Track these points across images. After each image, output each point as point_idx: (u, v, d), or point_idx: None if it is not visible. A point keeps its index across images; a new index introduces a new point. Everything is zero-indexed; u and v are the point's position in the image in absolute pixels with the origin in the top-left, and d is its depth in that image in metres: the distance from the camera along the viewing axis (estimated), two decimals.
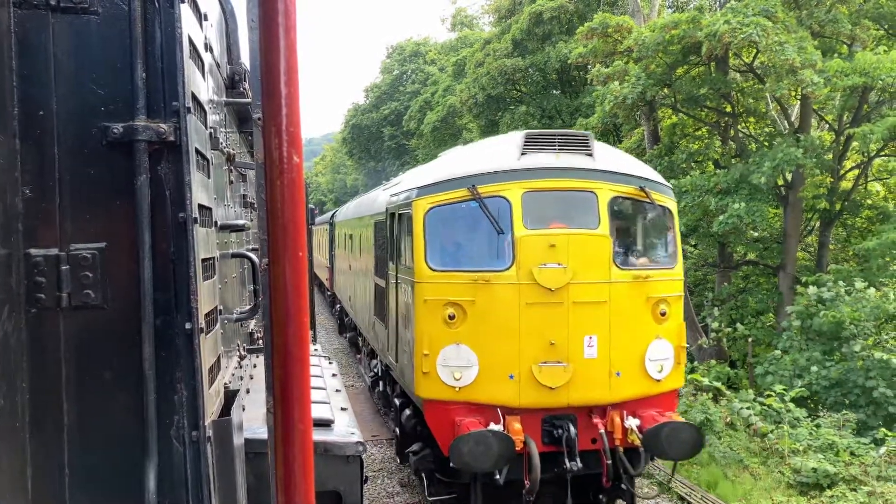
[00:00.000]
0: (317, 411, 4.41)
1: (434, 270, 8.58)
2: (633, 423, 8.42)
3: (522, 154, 8.82)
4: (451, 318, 8.42)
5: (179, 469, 2.60)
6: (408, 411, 9.92)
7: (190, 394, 2.61)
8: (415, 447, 9.65)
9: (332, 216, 27.35)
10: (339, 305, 24.82)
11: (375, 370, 14.21)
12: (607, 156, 9.39)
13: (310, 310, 2.52)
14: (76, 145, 2.55)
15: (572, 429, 8.35)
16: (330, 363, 7.80)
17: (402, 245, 9.81)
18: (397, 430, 10.78)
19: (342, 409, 5.31)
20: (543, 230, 8.48)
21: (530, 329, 8.30)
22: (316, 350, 8.37)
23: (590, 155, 8.96)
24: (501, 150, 9.16)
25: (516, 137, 9.11)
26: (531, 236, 8.37)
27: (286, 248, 2.23)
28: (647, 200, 9.08)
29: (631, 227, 9.59)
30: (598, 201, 8.70)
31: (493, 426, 8.06)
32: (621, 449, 8.49)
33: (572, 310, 8.35)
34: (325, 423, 4.64)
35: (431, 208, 8.75)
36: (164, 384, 2.58)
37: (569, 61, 24.79)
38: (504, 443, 7.77)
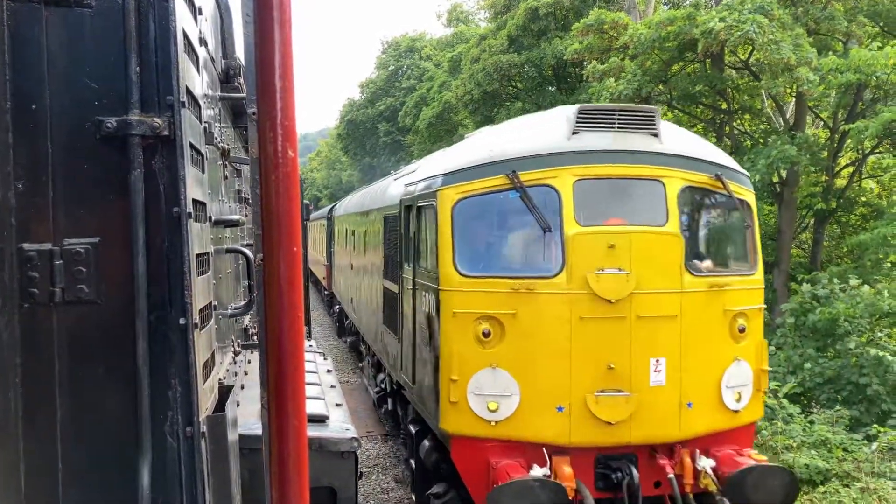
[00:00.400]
0: (311, 407, 4.41)
1: (464, 276, 7.07)
2: (706, 464, 7.01)
3: (574, 133, 7.25)
4: (486, 335, 6.93)
5: (173, 465, 2.60)
6: (427, 443, 8.25)
7: (184, 389, 2.60)
8: (437, 489, 7.99)
9: (331, 210, 25.71)
10: (338, 306, 23.01)
11: (382, 385, 12.44)
12: (676, 137, 7.82)
13: (304, 305, 2.51)
14: (70, 139, 2.53)
15: (635, 472, 6.89)
16: (325, 359, 7.79)
17: (420, 244, 8.30)
18: (413, 462, 9.07)
19: (337, 404, 5.31)
20: (600, 227, 7.04)
21: (584, 350, 6.86)
22: (311, 346, 8.35)
23: (655, 135, 7.39)
24: (547, 128, 7.56)
25: (567, 112, 7.54)
26: (585, 234, 6.91)
27: (280, 243, 2.22)
28: (724, 192, 7.52)
29: (703, 224, 8.11)
30: (667, 192, 7.22)
31: (537, 469, 6.70)
32: (691, 496, 7.07)
33: (636, 326, 6.89)
34: (319, 419, 4.64)
35: (461, 199, 7.22)
36: (158, 380, 2.58)
37: (564, 57, 24.78)
38: (554, 493, 6.36)
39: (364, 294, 14.17)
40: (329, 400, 5.33)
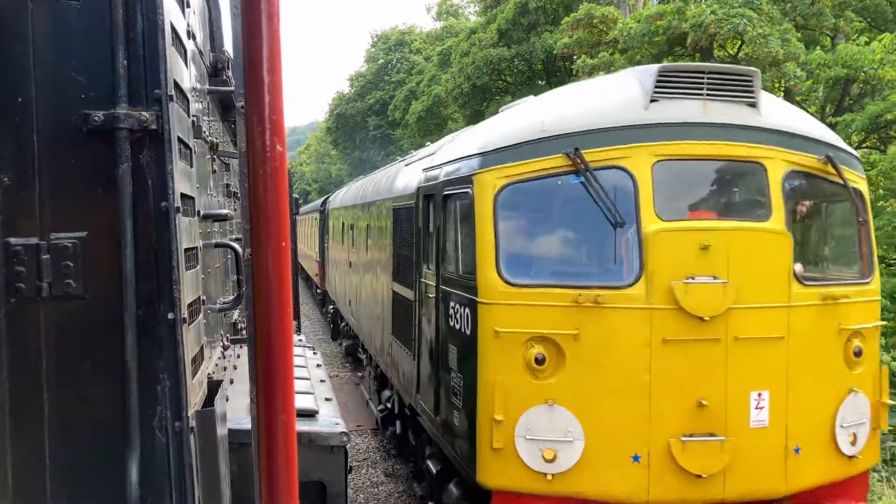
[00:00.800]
0: (301, 401, 4.41)
1: (511, 285, 5.63)
2: None
3: (652, 101, 5.79)
4: (539, 361, 5.51)
5: (162, 460, 2.59)
6: (455, 490, 6.75)
7: (173, 384, 2.59)
8: None
9: (325, 202, 24.13)
10: (332, 307, 21.20)
11: (388, 405, 10.80)
12: (776, 107, 6.31)
13: (293, 300, 2.50)
14: (56, 133, 2.52)
15: None
16: (314, 353, 7.78)
17: (447, 242, 6.83)
18: None
19: (326, 399, 5.30)
20: (689, 222, 5.69)
21: (668, 381, 5.49)
22: (300, 340, 8.33)
23: (753, 105, 5.93)
24: (617, 94, 6.06)
25: (643, 75, 6.01)
26: (670, 232, 5.53)
27: (269, 237, 2.22)
28: (837, 179, 6.06)
29: (808, 219, 6.65)
30: (769, 178, 5.80)
31: None
32: None
33: (734, 351, 5.51)
34: (309, 414, 4.64)
35: (506, 186, 5.75)
36: (146, 375, 2.57)
37: (554, 52, 24.79)
38: None
39: (366, 297, 12.45)
40: (319, 394, 5.32)
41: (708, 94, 5.87)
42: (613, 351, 5.56)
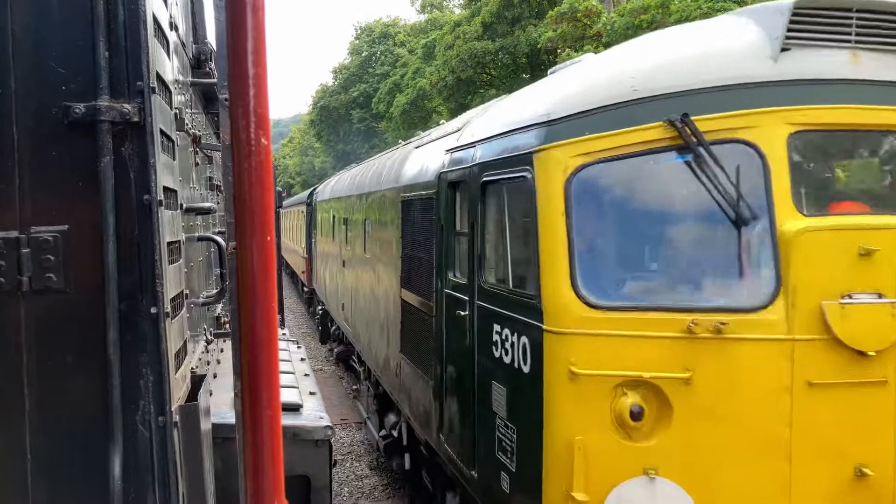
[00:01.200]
0: (285, 396, 4.40)
1: (593, 307, 4.14)
2: None
3: (783, 50, 4.20)
4: (636, 415, 4.05)
5: (145, 455, 2.58)
6: None
7: (156, 379, 2.58)
8: None
9: (312, 194, 22.28)
10: (321, 307, 19.35)
11: (394, 432, 9.13)
12: None
13: (278, 294, 2.49)
14: (36, 125, 2.49)
15: None
16: (298, 347, 7.76)
17: (487, 244, 5.35)
18: None
19: (311, 393, 5.29)
20: (841, 219, 4.16)
21: (815, 440, 4.07)
22: (284, 334, 8.31)
23: None
24: (731, 40, 4.39)
25: (769, 14, 4.32)
26: (819, 232, 4.03)
27: (253, 231, 2.20)
28: None
29: None
30: None
31: None
32: None
33: None
34: (293, 408, 4.63)
35: (582, 167, 4.23)
36: (129, 369, 2.55)
37: (538, 45, 24.82)
38: None
39: (364, 302, 10.76)
40: (303, 388, 5.31)
41: (857, 41, 4.29)
42: (740, 399, 4.07)
